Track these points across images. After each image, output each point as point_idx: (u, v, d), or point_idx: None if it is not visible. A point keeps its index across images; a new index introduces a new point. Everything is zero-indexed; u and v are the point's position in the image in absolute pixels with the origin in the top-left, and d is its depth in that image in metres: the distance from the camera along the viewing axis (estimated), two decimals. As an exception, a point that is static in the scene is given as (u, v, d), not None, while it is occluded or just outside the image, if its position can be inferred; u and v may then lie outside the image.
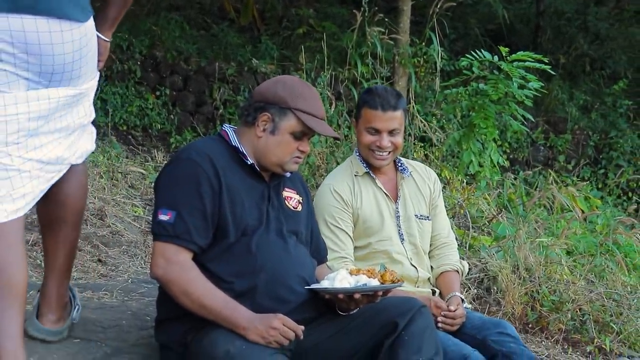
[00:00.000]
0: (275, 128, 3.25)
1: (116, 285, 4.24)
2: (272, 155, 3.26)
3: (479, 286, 5.61)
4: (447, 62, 9.16)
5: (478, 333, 3.78)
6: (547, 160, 11.05)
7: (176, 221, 3.09)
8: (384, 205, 3.97)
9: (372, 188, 3.97)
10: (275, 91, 3.27)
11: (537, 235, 6.11)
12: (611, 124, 11.52)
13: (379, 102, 3.83)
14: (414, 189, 4.08)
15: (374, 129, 3.85)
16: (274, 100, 3.25)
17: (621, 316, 5.37)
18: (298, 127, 3.24)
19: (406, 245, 3.98)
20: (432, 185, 4.13)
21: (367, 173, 3.97)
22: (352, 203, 3.90)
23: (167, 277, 3.07)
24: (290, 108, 3.23)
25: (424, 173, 4.16)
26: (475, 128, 6.56)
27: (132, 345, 3.40)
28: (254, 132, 3.27)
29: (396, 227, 3.98)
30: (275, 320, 3.00)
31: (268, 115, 3.24)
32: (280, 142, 3.25)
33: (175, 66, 9.57)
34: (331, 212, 3.87)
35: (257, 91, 3.33)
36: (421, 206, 4.07)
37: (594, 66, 13.27)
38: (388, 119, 3.84)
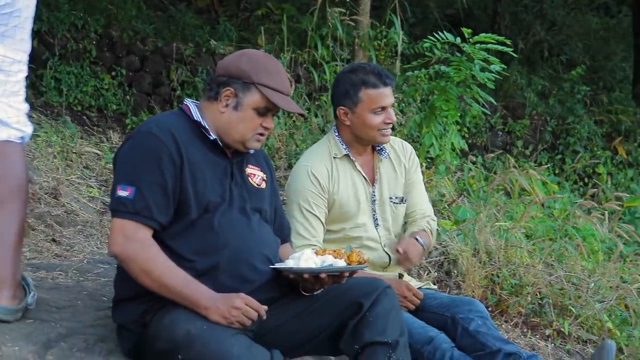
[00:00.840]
0: (239, 104, 3.15)
1: (71, 265, 4.12)
2: (234, 131, 3.17)
3: (440, 269, 5.59)
4: (406, 46, 9.12)
5: (447, 311, 3.75)
6: (505, 145, 11.07)
7: (136, 197, 2.99)
8: (361, 190, 3.88)
9: (350, 171, 3.86)
10: (238, 65, 3.17)
11: (497, 219, 6.10)
12: (568, 110, 11.58)
13: (379, 79, 3.71)
14: (391, 170, 3.97)
15: (381, 107, 3.72)
16: (237, 75, 3.15)
17: (580, 300, 5.38)
18: (262, 103, 3.15)
19: (380, 230, 3.91)
20: (407, 161, 4.02)
21: (347, 155, 3.86)
22: (329, 188, 3.79)
23: (126, 254, 2.98)
24: (254, 83, 3.14)
25: (400, 149, 4.03)
26: (437, 111, 6.51)
27: (87, 325, 3.29)
28: (217, 108, 3.17)
29: (371, 211, 3.91)
30: (238, 299, 2.93)
31: (231, 90, 3.15)
32: (243, 118, 3.15)
33: (131, 46, 9.40)
34: (306, 196, 3.76)
35: (221, 65, 3.23)
36: (397, 188, 3.98)
37: (552, 52, 13.34)
38: (388, 93, 3.75)
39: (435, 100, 6.50)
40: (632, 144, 11.72)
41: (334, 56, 8.08)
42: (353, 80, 3.74)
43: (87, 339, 3.16)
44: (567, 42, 14.03)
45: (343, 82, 3.77)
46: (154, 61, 9.42)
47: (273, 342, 3.09)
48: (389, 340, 3.11)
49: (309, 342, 3.24)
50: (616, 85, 13.65)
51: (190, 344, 2.88)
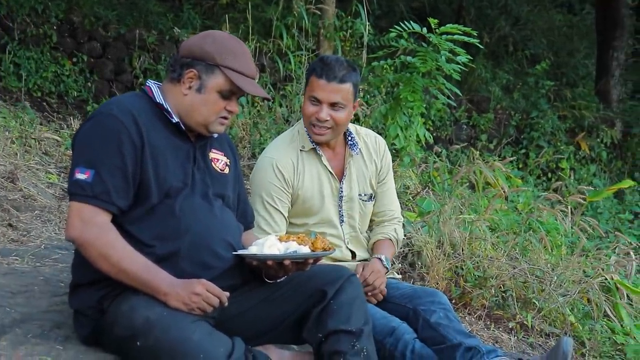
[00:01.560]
0: (202, 86, 3.07)
1: (28, 250, 4.03)
2: (197, 114, 3.08)
3: (404, 261, 5.56)
4: (372, 38, 9.07)
5: (409, 302, 3.69)
6: (469, 139, 11.08)
7: (94, 180, 2.90)
8: (326, 185, 3.80)
9: (316, 165, 3.78)
10: (202, 46, 3.08)
11: (461, 212, 6.07)
12: (532, 105, 11.63)
13: (325, 71, 3.62)
14: (362, 167, 3.90)
15: (315, 98, 3.64)
16: (201, 56, 3.07)
17: (543, 293, 5.37)
18: (226, 86, 3.07)
19: (345, 227, 3.84)
20: (380, 160, 3.94)
21: (314, 149, 3.77)
22: (293, 182, 3.72)
23: (83, 238, 2.89)
24: (218, 65, 3.05)
25: (373, 146, 3.95)
26: (402, 102, 6.46)
27: (43, 311, 3.20)
28: (180, 90, 3.09)
29: (337, 207, 3.83)
30: (198, 285, 2.86)
31: (194, 72, 3.07)
32: (206, 101, 3.07)
33: (93, 32, 9.26)
34: (269, 190, 3.69)
35: (184, 46, 3.14)
36: (366, 185, 3.90)
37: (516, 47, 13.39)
38: (331, 90, 3.62)
39: (401, 92, 6.45)
40: (595, 140, 11.81)
41: (299, 46, 8.01)
42: (312, 66, 3.71)
43: (42, 324, 3.08)
44: (531, 37, 14.11)
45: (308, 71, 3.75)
46: (116, 48, 9.29)
47: (235, 330, 3.03)
48: (352, 329, 3.06)
49: (271, 330, 3.18)
50: (579, 82, 13.75)
51: (149, 330, 2.80)
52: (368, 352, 3.08)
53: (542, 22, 15.03)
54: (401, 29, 6.29)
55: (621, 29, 13.12)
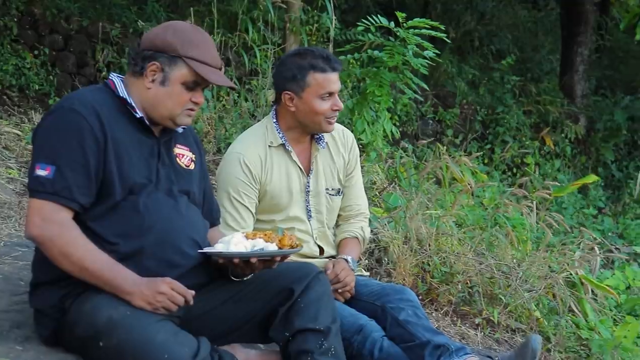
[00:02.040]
0: (166, 78, 3.00)
1: (-14, 248, 3.93)
2: (162, 107, 3.01)
3: (370, 257, 5.54)
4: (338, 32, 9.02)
5: (377, 300, 3.65)
6: (435, 134, 11.08)
7: (55, 177, 2.83)
8: (295, 180, 3.74)
9: (285, 161, 3.72)
10: (164, 38, 3.01)
11: (428, 207, 6.06)
12: (498, 100, 11.66)
13: (327, 63, 3.58)
14: (328, 160, 3.84)
15: (329, 93, 3.59)
16: (163, 48, 2.99)
17: (509, 288, 5.37)
18: (190, 77, 3.00)
19: (313, 222, 3.79)
20: (347, 153, 3.89)
21: (283, 145, 3.71)
22: (261, 178, 3.66)
23: (44, 236, 2.82)
24: (181, 56, 2.99)
25: (341, 139, 3.90)
26: (369, 96, 6.42)
27: (2, 311, 3.14)
28: (143, 83, 3.02)
29: (304, 202, 3.78)
30: (163, 284, 2.80)
31: (157, 65, 3.00)
32: (171, 94, 3.01)
33: (55, 25, 9.10)
34: (236, 185, 3.62)
35: (146, 38, 3.07)
36: (334, 180, 3.86)
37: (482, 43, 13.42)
38: (337, 79, 3.63)
39: (368, 86, 6.41)
40: (559, 135, 11.87)
41: (265, 40, 7.93)
42: (301, 64, 3.59)
43: (1, 324, 3.02)
44: (497, 33, 14.14)
45: (290, 66, 3.62)
46: (79, 41, 9.15)
47: (200, 329, 2.99)
48: (320, 328, 3.03)
49: (237, 329, 3.14)
50: (544, 77, 13.81)
51: (112, 330, 2.75)
52: (336, 351, 3.04)
53: (507, 17, 15.09)
54: (368, 23, 6.25)
55: (585, 24, 13.19)
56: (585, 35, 13.25)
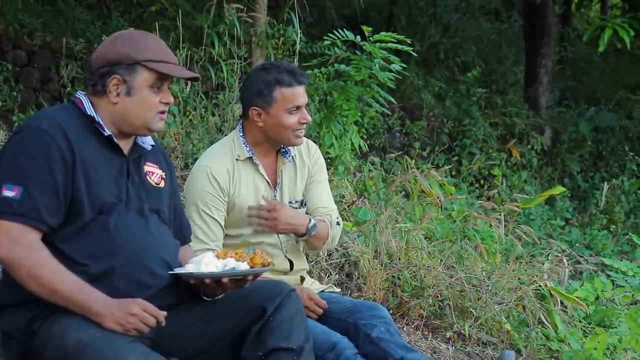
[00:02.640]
0: (130, 88, 2.98)
1: (-49, 270, 3.80)
2: (134, 117, 3.00)
3: (340, 271, 5.51)
4: (304, 45, 9.01)
5: (349, 316, 3.63)
6: (403, 146, 11.08)
7: (23, 198, 2.79)
8: (262, 194, 3.72)
9: (252, 175, 3.71)
10: (115, 49, 2.99)
11: (398, 221, 6.05)
12: (464, 112, 11.68)
13: (293, 78, 3.58)
14: (293, 173, 3.83)
15: (296, 107, 3.59)
16: (118, 60, 2.98)
17: (479, 301, 5.37)
18: (153, 78, 2.99)
19: (281, 235, 3.75)
20: (311, 162, 3.89)
21: (250, 158, 3.69)
22: (229, 191, 3.64)
23: (12, 258, 2.77)
24: (139, 61, 2.97)
25: (305, 150, 3.89)
26: (337, 110, 6.40)
27: (-33, 334, 3.03)
28: (108, 100, 2.99)
29: None
30: (135, 306, 2.77)
31: (118, 78, 2.98)
32: (139, 101, 2.99)
33: (18, 40, 9.00)
34: (205, 198, 3.60)
35: (96, 56, 3.04)
36: (297, 191, 3.84)
37: (447, 55, 13.47)
38: (304, 92, 3.64)
39: (336, 100, 6.39)
40: (526, 147, 11.93)
41: (231, 54, 7.90)
42: (267, 79, 3.59)
43: (-33, 348, 2.92)
44: (461, 45, 14.20)
45: (256, 81, 3.62)
46: (42, 56, 9.04)
47: (172, 350, 2.97)
48: (293, 347, 3.01)
49: (209, 349, 3.11)
50: (509, 89, 13.88)
51: (81, 353, 2.70)
52: (309, 370, 3.00)
53: (471, 29, 15.17)
54: (334, 37, 6.23)
55: (548, 36, 13.29)
56: (549, 47, 13.35)
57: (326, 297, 3.76)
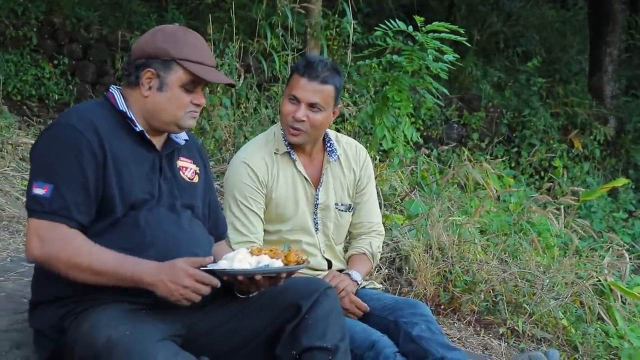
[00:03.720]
0: (163, 84, 2.91)
1: (-8, 264, 3.86)
2: (164, 114, 2.92)
3: (391, 266, 5.43)
4: (360, 36, 8.92)
5: (390, 314, 3.53)
6: (460, 138, 10.94)
7: (53, 196, 2.73)
8: (301, 191, 3.63)
9: (291, 170, 3.62)
10: (154, 43, 2.92)
11: (451, 214, 5.94)
12: (524, 102, 11.49)
13: (307, 69, 3.47)
14: (339, 175, 3.73)
15: (294, 96, 3.48)
16: (155, 54, 2.90)
17: (534, 297, 5.25)
18: (187, 79, 2.91)
19: (319, 235, 3.68)
20: (359, 169, 3.77)
21: (288, 153, 3.61)
22: (267, 183, 3.55)
23: (47, 256, 2.72)
24: (175, 59, 2.89)
25: (353, 155, 3.78)
26: (389, 102, 6.29)
27: (2, 330, 3.05)
28: (140, 93, 2.93)
29: (312, 215, 3.66)
30: (186, 278, 2.69)
31: (151, 71, 2.90)
32: (170, 98, 2.91)
33: (74, 34, 9.09)
34: (243, 190, 3.52)
35: (136, 47, 2.98)
36: (344, 195, 3.74)
37: (508, 44, 13.24)
38: (311, 89, 3.47)
39: (388, 91, 6.27)
40: (588, 137, 11.69)
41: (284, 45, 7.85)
42: (295, 64, 3.58)
43: (1, 345, 2.94)
44: (523, 34, 13.95)
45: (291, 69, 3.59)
46: (98, 49, 9.13)
47: (204, 347, 2.90)
48: (328, 346, 2.91)
49: (243, 347, 3.02)
50: (572, 78, 13.60)
51: (110, 351, 2.63)
52: (344, 370, 2.92)
53: (534, 18, 14.89)
54: (386, 27, 6.12)
55: (614, 24, 12.99)
56: (614, 34, 13.05)
57: (367, 294, 3.67)
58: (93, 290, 2.77)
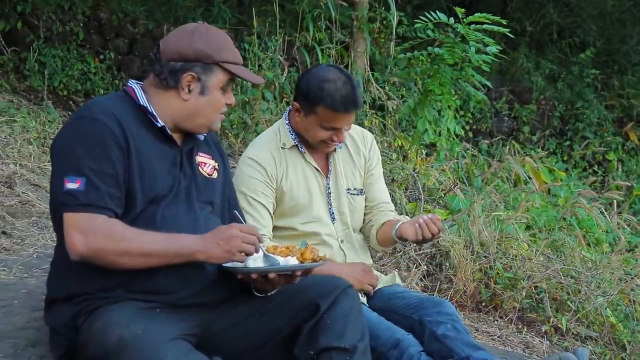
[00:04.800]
0: (204, 87, 2.86)
1: (18, 260, 3.86)
2: (202, 117, 2.89)
3: (430, 262, 5.33)
4: (407, 29, 8.82)
5: (414, 313, 3.45)
6: (511, 131, 10.77)
7: (87, 188, 2.67)
8: (313, 182, 3.57)
9: (300, 162, 3.56)
10: (192, 46, 2.85)
11: (494, 209, 5.83)
12: (577, 94, 11.26)
13: (342, 102, 3.37)
14: (348, 160, 3.67)
15: (333, 128, 3.43)
16: (195, 57, 2.85)
17: (579, 294, 5.10)
18: (226, 80, 2.89)
19: (337, 225, 3.61)
20: (367, 151, 3.72)
21: (296, 146, 3.56)
22: (277, 176, 3.50)
23: (94, 249, 2.65)
24: (217, 62, 2.85)
25: (359, 138, 3.73)
26: (431, 95, 6.18)
27: (19, 328, 3.02)
28: (176, 96, 2.87)
29: (327, 205, 3.60)
30: (232, 229, 2.70)
31: (193, 75, 2.84)
32: (211, 102, 2.88)
33: (120, 29, 9.13)
34: (252, 185, 3.47)
35: (168, 47, 2.89)
36: (355, 179, 3.68)
37: (562, 35, 12.95)
38: (348, 118, 3.44)
39: (429, 84, 6.17)
40: (645, 130, 11.41)
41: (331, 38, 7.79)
42: (319, 88, 3.40)
43: (16, 343, 2.90)
44: (580, 24, 13.63)
45: (311, 83, 3.43)
46: (144, 44, 9.16)
47: (220, 347, 2.85)
48: (346, 346, 2.83)
49: (261, 346, 2.95)
50: (630, 69, 13.27)
51: (121, 350, 2.59)
52: (363, 371, 2.85)
53: (592, 7, 14.55)
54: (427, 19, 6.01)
55: (677, 13, 12.65)
56: (677, 24, 12.72)
57: (392, 293, 3.60)
58: (106, 288, 2.74)
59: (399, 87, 8.51)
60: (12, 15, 8.53)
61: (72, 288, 2.75)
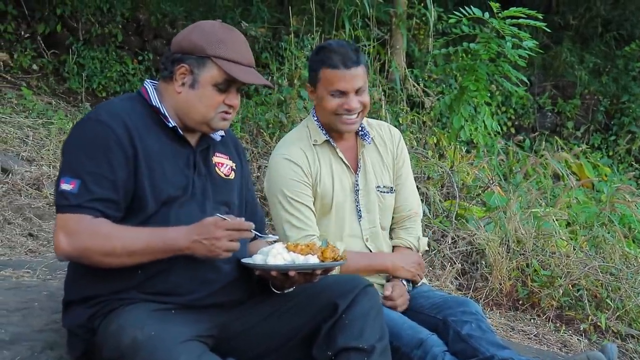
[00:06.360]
0: (195, 81, 2.82)
1: (42, 262, 3.86)
2: (194, 112, 2.83)
3: (465, 261, 5.26)
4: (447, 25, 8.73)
5: (439, 313, 3.40)
6: (554, 126, 10.61)
7: (80, 191, 2.67)
8: (344, 179, 3.52)
9: (330, 159, 3.50)
10: (190, 39, 2.83)
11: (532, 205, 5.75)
12: (623, 88, 11.05)
13: (339, 59, 3.33)
14: (376, 157, 3.61)
15: (338, 91, 3.36)
16: (190, 49, 2.82)
17: (619, 291, 5.00)
18: (220, 78, 2.81)
19: (363, 223, 3.54)
20: (395, 149, 3.65)
21: (327, 141, 3.49)
22: (313, 174, 3.45)
23: (78, 249, 2.66)
24: (209, 56, 2.80)
25: (387, 136, 3.66)
26: (466, 91, 6.09)
27: (37, 330, 3.00)
28: (173, 88, 2.84)
29: (354, 202, 3.54)
30: (217, 230, 2.63)
31: (185, 67, 2.82)
32: (201, 97, 2.82)
33: (159, 30, 9.17)
34: (290, 185, 3.41)
35: (174, 41, 2.90)
36: (384, 177, 3.61)
37: (608, 28, 12.71)
38: (353, 76, 3.35)
39: (464, 80, 6.08)
40: (693, 125, 11.16)
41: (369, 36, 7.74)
42: (318, 58, 3.40)
43: (33, 345, 2.89)
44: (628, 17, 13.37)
45: (311, 60, 3.47)
46: (183, 45, 9.17)
47: (238, 348, 2.84)
48: (364, 346, 2.80)
49: (279, 347, 2.93)
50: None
51: (135, 352, 2.59)
52: (381, 372, 2.80)
53: (639, 0, 14.29)
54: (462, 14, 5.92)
55: None
56: None
57: (416, 292, 3.55)
58: (120, 290, 2.73)
59: (439, 84, 8.43)
60: (51, 18, 8.60)
61: (88, 290, 2.75)
